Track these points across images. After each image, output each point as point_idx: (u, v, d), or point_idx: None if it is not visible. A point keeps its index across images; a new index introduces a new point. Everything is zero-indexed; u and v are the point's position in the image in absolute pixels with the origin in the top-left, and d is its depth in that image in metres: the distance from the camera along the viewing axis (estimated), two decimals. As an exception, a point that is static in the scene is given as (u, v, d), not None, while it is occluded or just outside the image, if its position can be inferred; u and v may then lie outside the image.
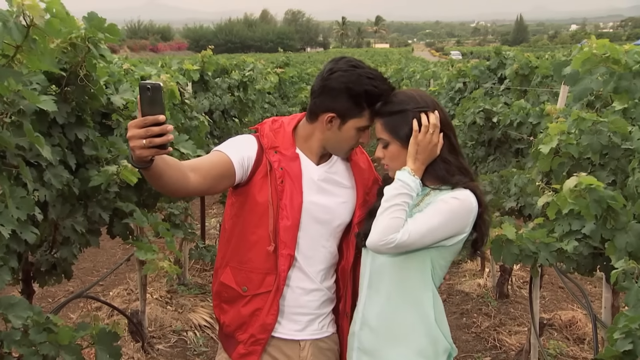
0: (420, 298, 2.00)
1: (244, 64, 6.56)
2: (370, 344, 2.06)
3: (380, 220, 1.92)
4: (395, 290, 2.02)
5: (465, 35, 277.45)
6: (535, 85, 4.93)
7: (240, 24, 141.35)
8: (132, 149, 1.57)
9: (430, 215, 1.92)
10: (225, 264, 2.15)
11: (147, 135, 1.55)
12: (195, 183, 1.85)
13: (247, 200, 2.07)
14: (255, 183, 2.05)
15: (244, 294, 2.10)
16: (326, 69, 2.06)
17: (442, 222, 1.91)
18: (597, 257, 2.45)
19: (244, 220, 2.09)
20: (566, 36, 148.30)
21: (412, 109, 1.98)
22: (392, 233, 1.88)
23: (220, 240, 2.23)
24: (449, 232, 1.94)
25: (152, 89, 1.54)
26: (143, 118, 1.54)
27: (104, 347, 2.35)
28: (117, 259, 7.14)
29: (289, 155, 2.08)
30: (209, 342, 4.78)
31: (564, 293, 6.09)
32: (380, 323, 2.04)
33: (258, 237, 2.06)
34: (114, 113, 2.88)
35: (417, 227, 1.90)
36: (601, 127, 2.24)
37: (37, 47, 1.87)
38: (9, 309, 2.05)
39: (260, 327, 2.09)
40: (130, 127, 1.56)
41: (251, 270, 2.09)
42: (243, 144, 2.07)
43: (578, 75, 2.47)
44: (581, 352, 4.66)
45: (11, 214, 2.01)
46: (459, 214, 1.93)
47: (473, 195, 1.96)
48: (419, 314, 2.00)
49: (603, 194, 1.95)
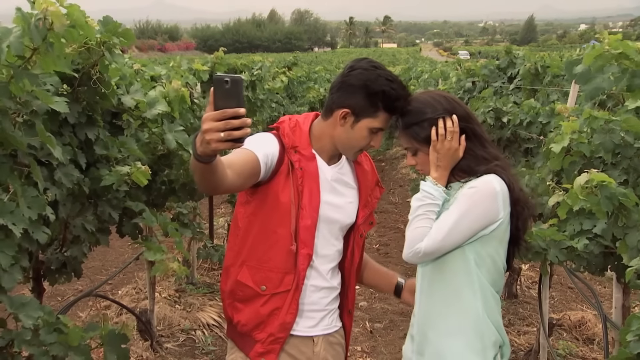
0: (464, 292, 2.00)
1: (252, 63, 6.56)
2: (423, 345, 2.09)
3: (407, 232, 1.98)
4: (439, 289, 2.04)
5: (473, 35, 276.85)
6: (545, 84, 4.91)
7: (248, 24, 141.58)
8: (208, 142, 1.52)
9: (450, 213, 1.94)
10: (240, 263, 2.14)
11: (226, 128, 1.51)
12: (231, 180, 1.82)
13: (267, 200, 2.06)
14: (277, 182, 2.05)
15: (263, 293, 2.09)
16: (347, 66, 2.09)
17: (463, 215, 1.92)
18: (608, 256, 2.44)
19: (264, 219, 2.08)
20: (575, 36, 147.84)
21: (430, 115, 2.00)
22: (417, 243, 1.93)
23: (231, 239, 2.22)
24: (477, 222, 1.93)
25: (231, 82, 1.50)
26: (222, 111, 1.51)
27: (112, 349, 2.37)
28: (126, 258, 7.17)
29: (307, 155, 2.09)
30: (217, 341, 4.78)
31: (573, 293, 6.06)
32: (428, 322, 2.08)
33: (279, 236, 2.06)
34: (125, 113, 2.89)
35: (438, 229, 1.92)
36: (613, 126, 2.22)
37: (54, 50, 1.88)
38: (20, 308, 2.05)
39: (279, 326, 2.09)
40: (206, 120, 1.52)
41: (270, 269, 2.08)
42: (266, 142, 2.05)
43: (590, 74, 2.47)
44: (591, 353, 4.63)
45: (23, 213, 2.02)
46: (479, 201, 1.92)
47: (497, 179, 1.95)
48: (464, 308, 2.00)
49: (614, 190, 1.94)
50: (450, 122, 1.98)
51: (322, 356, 2.19)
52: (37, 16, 1.81)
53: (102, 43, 2.33)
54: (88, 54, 2.38)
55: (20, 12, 1.81)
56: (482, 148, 2.03)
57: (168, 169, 3.25)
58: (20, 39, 1.77)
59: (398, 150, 16.00)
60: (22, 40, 1.79)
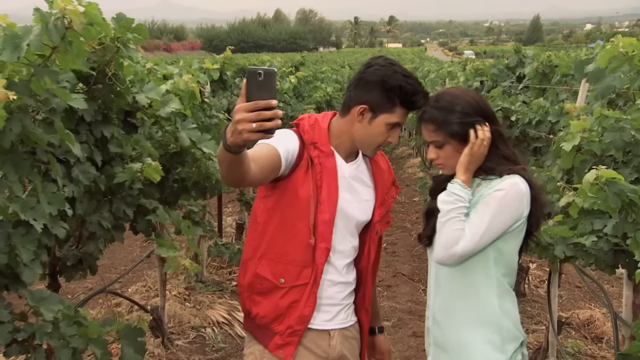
0: (482, 288, 2.05)
1: (262, 63, 6.58)
2: (441, 338, 2.15)
3: (441, 235, 2.01)
4: (457, 283, 2.09)
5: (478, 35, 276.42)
6: (554, 83, 4.93)
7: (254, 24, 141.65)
8: (240, 132, 1.56)
9: (481, 215, 1.97)
10: (260, 256, 2.17)
11: (258, 119, 1.55)
12: (254, 173, 1.85)
13: (286, 194, 2.09)
14: (297, 177, 2.08)
15: (281, 285, 2.13)
16: (364, 64, 2.13)
17: (494, 217, 1.96)
18: (619, 253, 2.46)
19: (283, 214, 2.11)
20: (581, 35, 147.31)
21: (461, 110, 2.03)
22: (453, 246, 1.96)
23: (250, 233, 2.25)
24: (506, 223, 1.98)
25: (264, 74, 1.54)
26: (254, 102, 1.54)
27: (129, 342, 2.41)
28: (135, 256, 7.22)
29: (326, 152, 2.12)
30: (227, 339, 4.82)
31: (581, 292, 6.08)
32: (446, 317, 2.12)
33: (298, 230, 2.10)
34: (139, 111, 2.92)
35: (473, 232, 1.96)
36: (624, 125, 2.25)
37: (73, 48, 1.91)
38: (41, 302, 2.10)
39: (298, 318, 2.13)
40: (238, 111, 1.55)
41: (289, 262, 2.12)
42: (287, 138, 2.09)
43: (601, 73, 2.49)
44: (599, 351, 4.65)
45: (43, 208, 2.05)
46: (508, 203, 1.97)
47: (521, 179, 2.00)
48: (481, 303, 2.05)
49: (623, 186, 1.96)
50: (487, 130, 2.02)
51: (337, 349, 2.24)
52: (55, 15, 1.85)
53: (116, 39, 2.35)
54: (103, 51, 2.42)
55: (39, 11, 1.84)
56: (505, 147, 2.08)
57: (181, 167, 3.28)
58: (40, 37, 1.81)
59: (404, 150, 16.02)
60: (42, 38, 1.83)
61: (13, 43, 1.81)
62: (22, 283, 2.08)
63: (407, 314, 5.68)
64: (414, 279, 6.73)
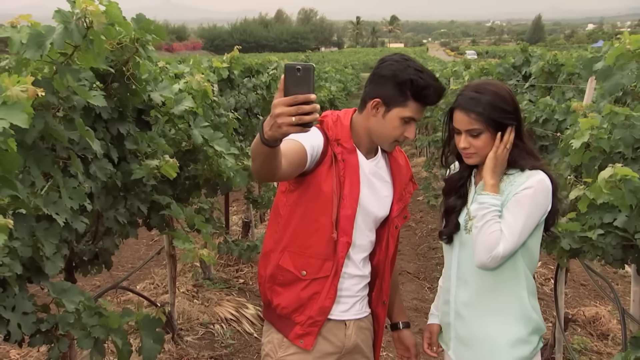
0: (512, 281, 2.11)
1: (268, 63, 6.64)
2: (464, 332, 2.20)
3: (480, 240, 2.04)
4: (486, 279, 2.13)
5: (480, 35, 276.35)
6: (561, 82, 4.97)
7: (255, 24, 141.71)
8: (279, 126, 1.60)
9: (517, 214, 2.02)
10: (282, 249, 2.22)
11: (298, 113, 1.58)
12: (284, 168, 1.89)
13: (309, 189, 2.14)
14: (321, 173, 2.12)
15: (303, 277, 2.18)
16: (379, 60, 2.18)
17: (529, 215, 2.02)
18: (628, 248, 2.50)
19: (306, 208, 2.16)
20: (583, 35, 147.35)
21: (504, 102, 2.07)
22: (494, 249, 2.01)
23: (271, 226, 2.30)
24: (537, 219, 2.05)
25: (303, 69, 1.58)
26: (294, 96, 1.58)
27: (148, 333, 2.45)
28: (141, 254, 7.27)
29: (349, 148, 2.17)
30: (235, 335, 4.86)
31: (586, 290, 6.12)
32: (473, 311, 2.18)
33: (321, 224, 2.14)
34: (152, 109, 2.97)
35: (512, 232, 2.01)
36: (634, 121, 2.29)
37: (94, 47, 1.96)
38: (62, 294, 2.14)
39: (318, 309, 2.19)
40: (277, 105, 1.59)
41: (311, 255, 2.17)
42: (312, 134, 2.11)
43: (609, 71, 2.54)
44: (605, 348, 4.69)
45: (65, 203, 2.10)
46: (538, 200, 2.03)
47: (546, 176, 2.05)
48: (512, 296, 2.12)
49: (638, 184, 2.01)
50: (513, 134, 2.07)
51: (352, 339, 2.30)
52: (77, 15, 1.89)
53: (136, 40, 2.40)
54: (122, 50, 2.46)
55: (60, 12, 1.89)
56: (529, 142, 2.14)
57: (193, 164, 3.33)
58: (63, 36, 1.86)
59: (407, 150, 16.05)
60: (64, 37, 1.87)
61: (37, 41, 1.86)
62: (44, 275, 2.12)
63: (414, 311, 5.72)
64: (419, 277, 6.78)
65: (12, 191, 1.87)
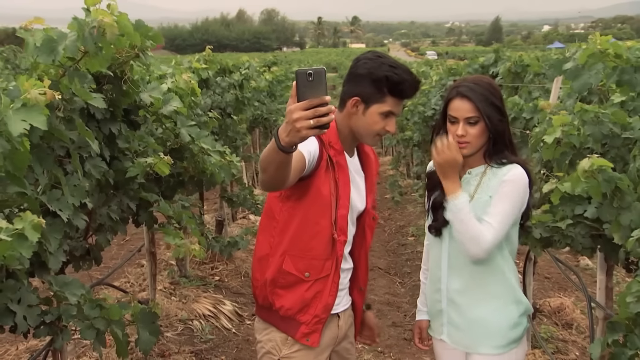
0: (501, 267, 2.27)
1: (241, 63, 6.72)
2: (458, 318, 2.35)
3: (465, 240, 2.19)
4: (478, 266, 2.28)
5: (440, 36, 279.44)
6: (527, 82, 5.17)
7: (217, 24, 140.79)
8: (298, 130, 1.63)
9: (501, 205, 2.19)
10: (282, 253, 2.26)
11: (315, 116, 1.62)
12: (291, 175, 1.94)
13: (309, 193, 2.18)
14: (319, 176, 2.17)
15: (306, 279, 2.25)
16: (354, 60, 2.27)
17: (512, 205, 2.19)
18: (596, 238, 2.68)
19: (306, 212, 2.21)
20: (539, 36, 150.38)
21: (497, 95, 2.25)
22: (482, 240, 2.15)
23: (265, 230, 2.33)
24: (518, 209, 2.22)
25: (314, 74, 1.63)
26: (309, 100, 1.62)
27: (144, 325, 2.54)
28: (113, 254, 7.26)
29: (338, 149, 2.24)
30: (214, 331, 4.95)
31: (550, 282, 6.36)
32: (466, 297, 2.32)
33: (321, 227, 2.21)
34: (141, 109, 3.04)
35: (498, 221, 2.17)
36: (603, 118, 2.47)
37: (103, 54, 2.05)
38: (64, 287, 2.22)
39: (323, 307, 2.27)
40: (294, 111, 1.63)
41: (313, 257, 2.23)
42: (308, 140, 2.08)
43: (578, 71, 2.71)
44: (570, 336, 4.91)
45: (67, 200, 2.17)
46: (518, 192, 2.20)
47: (523, 170, 2.23)
48: (501, 282, 2.28)
49: (612, 174, 2.18)
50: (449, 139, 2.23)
51: (344, 329, 2.43)
52: (91, 24, 1.98)
53: (135, 46, 2.48)
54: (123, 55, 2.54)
55: (77, 20, 1.97)
56: (511, 138, 2.31)
57: (179, 162, 3.41)
58: (76, 42, 1.95)
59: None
60: (77, 44, 1.96)
61: (49, 46, 1.94)
62: (46, 270, 2.20)
63: (386, 305, 5.89)
64: (390, 272, 6.95)
65: (20, 188, 1.95)
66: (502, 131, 2.25)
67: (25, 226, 1.57)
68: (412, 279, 6.54)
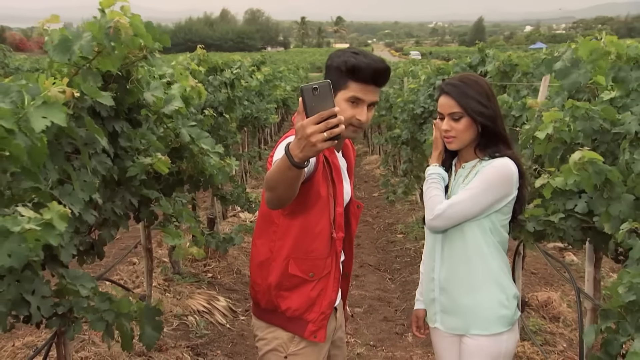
0: (484, 253, 2.38)
1: (232, 62, 6.78)
2: (450, 304, 2.47)
3: (425, 204, 2.40)
4: (462, 253, 2.40)
5: (423, 36, 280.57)
6: (515, 81, 5.29)
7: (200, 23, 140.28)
8: (313, 144, 1.65)
9: (470, 186, 2.32)
10: (285, 257, 2.27)
11: (327, 128, 1.64)
12: None
13: (309, 196, 2.18)
14: (317, 179, 2.17)
15: (311, 279, 2.28)
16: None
17: (483, 189, 2.29)
18: (586, 230, 2.78)
19: (307, 214, 2.22)
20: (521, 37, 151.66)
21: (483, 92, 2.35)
22: (435, 206, 2.33)
23: (264, 234, 2.34)
24: (494, 196, 2.31)
25: (320, 87, 1.66)
26: (319, 114, 1.64)
27: (148, 321, 2.60)
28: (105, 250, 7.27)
29: (331, 149, 2.28)
30: (208, 326, 5.02)
31: (536, 278, 6.49)
32: (453, 283, 2.45)
33: (321, 227, 2.24)
34: (143, 109, 3.10)
35: (460, 199, 2.31)
36: (593, 115, 2.57)
37: (116, 54, 2.11)
38: (75, 280, 2.28)
39: (328, 303, 2.32)
40: (307, 126, 1.64)
41: (316, 257, 2.27)
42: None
43: (568, 70, 2.83)
44: (557, 329, 5.03)
45: (78, 195, 2.24)
46: (497, 179, 2.30)
47: (512, 162, 2.33)
48: (485, 267, 2.39)
49: (602, 166, 2.28)
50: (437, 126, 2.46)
51: (340, 321, 2.54)
52: (108, 24, 2.05)
53: (144, 47, 2.54)
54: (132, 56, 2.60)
55: (97, 20, 2.04)
56: (505, 132, 2.40)
57: (179, 161, 3.47)
58: (92, 42, 2.01)
59: (360, 148, 16.37)
60: (92, 44, 2.02)
61: (65, 46, 2.00)
62: (58, 262, 2.26)
63: (377, 300, 5.98)
64: (380, 268, 7.05)
65: (34, 183, 2.01)
66: (490, 126, 2.35)
67: (53, 216, 1.63)
68: (401, 275, 6.65)
